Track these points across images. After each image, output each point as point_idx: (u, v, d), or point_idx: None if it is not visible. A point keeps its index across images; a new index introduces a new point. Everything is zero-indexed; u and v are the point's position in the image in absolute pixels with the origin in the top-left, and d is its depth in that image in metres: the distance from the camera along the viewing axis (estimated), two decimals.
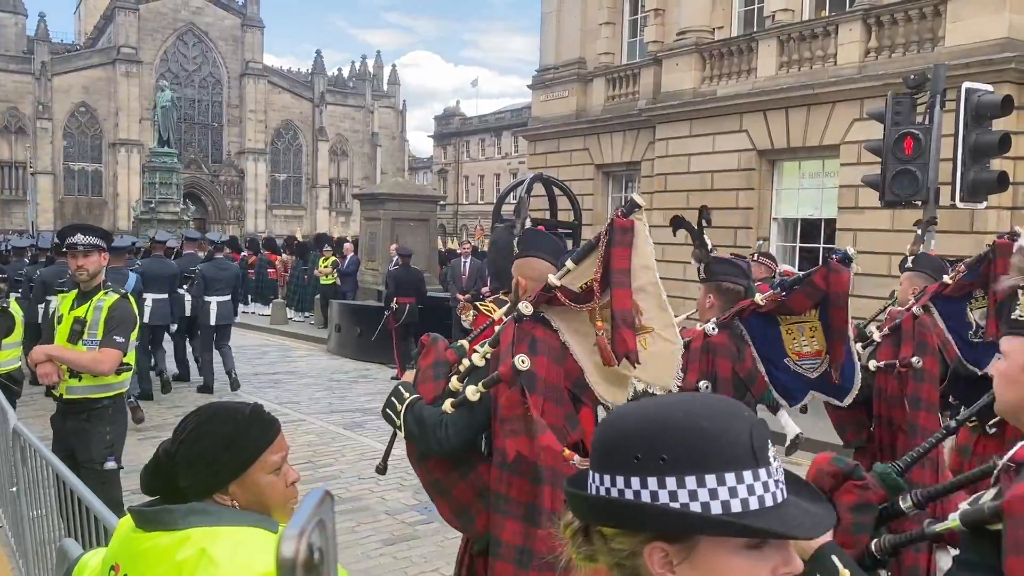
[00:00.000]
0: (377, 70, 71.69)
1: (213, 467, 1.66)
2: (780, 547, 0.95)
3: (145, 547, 1.58)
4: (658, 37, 17.07)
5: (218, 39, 62.25)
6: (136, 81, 57.78)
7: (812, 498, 1.01)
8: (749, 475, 0.93)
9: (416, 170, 73.53)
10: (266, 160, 63.60)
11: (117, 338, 4.65)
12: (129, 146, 57.31)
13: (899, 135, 8.31)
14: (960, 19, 11.60)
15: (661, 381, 2.76)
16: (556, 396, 2.67)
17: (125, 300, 4.82)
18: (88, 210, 55.71)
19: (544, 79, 20.20)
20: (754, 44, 14.77)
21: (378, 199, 17.70)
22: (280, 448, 1.75)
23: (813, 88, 13.41)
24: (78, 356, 4.62)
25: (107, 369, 4.64)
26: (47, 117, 55.47)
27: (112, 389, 4.81)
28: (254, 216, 61.82)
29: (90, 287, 4.75)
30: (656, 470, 0.93)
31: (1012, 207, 11.19)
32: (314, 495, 0.69)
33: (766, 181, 14.72)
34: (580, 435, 2.67)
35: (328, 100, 66.54)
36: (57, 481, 3.58)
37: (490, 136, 64.66)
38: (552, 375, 2.66)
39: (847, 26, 13.18)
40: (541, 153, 20.09)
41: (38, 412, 8.77)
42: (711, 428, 0.94)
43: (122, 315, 4.71)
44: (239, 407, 1.77)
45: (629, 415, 1.01)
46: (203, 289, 10.73)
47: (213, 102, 63.11)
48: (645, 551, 0.96)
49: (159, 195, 34.13)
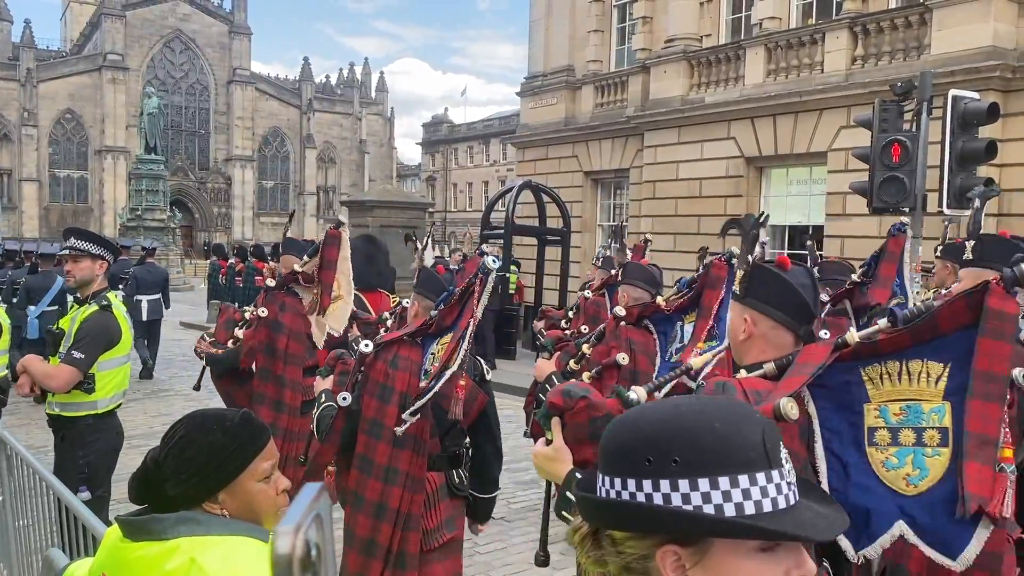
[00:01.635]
0: (365, 77, 71.70)
1: (202, 475, 1.62)
2: (793, 549, 0.94)
3: (134, 556, 1.55)
4: (646, 45, 17.14)
5: (205, 46, 62.11)
6: (123, 88, 57.56)
7: (822, 500, 1.00)
8: (762, 477, 0.91)
9: (404, 177, 73.50)
10: (253, 167, 63.44)
11: (75, 354, 4.22)
12: (115, 153, 57.05)
13: (886, 142, 8.36)
14: (945, 27, 11.69)
15: (336, 324, 4.64)
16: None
17: (103, 314, 4.36)
18: (74, 217, 55.33)
19: (533, 86, 20.24)
20: (742, 52, 14.85)
21: (366, 206, 17.66)
22: (270, 455, 1.72)
23: (800, 95, 13.49)
24: (39, 368, 4.29)
25: (55, 386, 4.25)
26: (32, 124, 55.16)
27: (81, 409, 4.38)
28: (241, 223, 61.62)
29: (85, 295, 4.45)
30: (668, 473, 0.91)
31: (998, 214, 11.27)
32: (309, 490, 0.66)
33: (754, 188, 14.79)
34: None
35: (316, 107, 66.47)
36: (45, 490, 3.53)
37: (478, 143, 64.71)
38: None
39: (834, 34, 13.27)
40: (530, 160, 20.13)
41: (23, 421, 8.69)
42: (723, 430, 0.92)
43: (92, 330, 4.30)
44: (228, 414, 1.74)
45: (640, 418, 0.99)
46: (135, 289, 12.19)
47: (200, 109, 62.94)
48: (657, 554, 0.94)
49: (146, 202, 33.94)
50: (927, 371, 1.66)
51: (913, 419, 1.67)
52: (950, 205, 8.40)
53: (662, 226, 15.92)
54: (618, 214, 18.51)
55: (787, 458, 0.95)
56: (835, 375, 1.74)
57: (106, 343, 4.38)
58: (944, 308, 1.63)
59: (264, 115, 64.66)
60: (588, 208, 18.62)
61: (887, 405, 1.69)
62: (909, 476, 1.66)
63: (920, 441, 1.66)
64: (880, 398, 1.70)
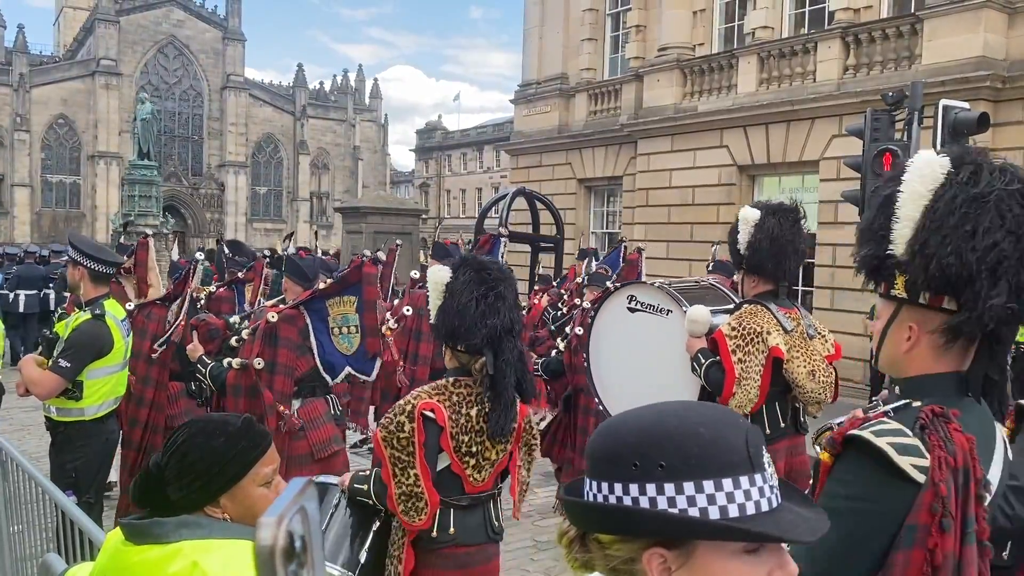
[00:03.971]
0: (359, 84, 71.65)
1: (204, 480, 1.65)
2: (776, 551, 0.97)
3: (135, 560, 1.57)
4: (639, 53, 17.22)
5: (199, 52, 62.01)
6: (116, 93, 57.37)
7: (804, 503, 1.03)
8: (746, 480, 0.95)
9: (398, 184, 73.46)
10: (247, 173, 63.28)
11: (62, 362, 4.27)
12: (108, 158, 56.82)
13: (878, 151, 8.42)
14: (937, 37, 11.79)
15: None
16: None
17: (95, 323, 4.38)
18: (66, 223, 55.10)
19: (526, 94, 20.30)
20: (734, 61, 14.94)
21: (360, 212, 17.68)
22: (271, 460, 1.75)
23: (793, 104, 13.57)
24: (28, 373, 4.35)
25: (40, 393, 4.31)
26: (25, 129, 54.92)
27: (71, 414, 4.42)
28: (234, 229, 61.40)
29: (82, 300, 4.49)
30: (654, 477, 0.94)
31: None
32: (295, 484, 0.66)
33: (746, 196, 14.85)
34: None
35: (309, 113, 66.39)
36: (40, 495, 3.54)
37: (472, 150, 64.74)
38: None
39: (826, 43, 13.36)
40: (523, 167, 20.17)
41: (16, 427, 8.67)
42: (708, 435, 0.95)
43: (80, 338, 4.33)
44: (229, 420, 1.76)
45: (626, 424, 1.02)
46: (15, 285, 14.00)
47: (194, 115, 62.79)
48: (643, 557, 0.97)
49: (138, 208, 33.80)
50: (350, 301, 4.56)
51: (348, 320, 4.51)
52: None
53: (655, 234, 15.98)
54: (611, 222, 18.57)
55: (770, 462, 0.98)
56: (316, 302, 4.53)
57: (95, 353, 4.41)
58: (350, 272, 4.60)
59: (258, 121, 64.54)
60: (581, 216, 18.67)
61: (337, 316, 4.50)
62: (348, 347, 4.48)
63: (351, 331, 4.52)
64: (333, 310, 4.50)
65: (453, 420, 2.81)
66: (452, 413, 2.81)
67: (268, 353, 4.39)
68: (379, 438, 2.83)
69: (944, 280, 1.57)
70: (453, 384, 2.88)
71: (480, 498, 2.97)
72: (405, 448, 2.76)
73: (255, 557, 0.60)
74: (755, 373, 3.66)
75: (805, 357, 3.77)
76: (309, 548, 0.63)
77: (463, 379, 2.90)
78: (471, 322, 2.83)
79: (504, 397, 2.86)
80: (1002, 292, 1.53)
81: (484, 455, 2.89)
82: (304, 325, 4.45)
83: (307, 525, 0.63)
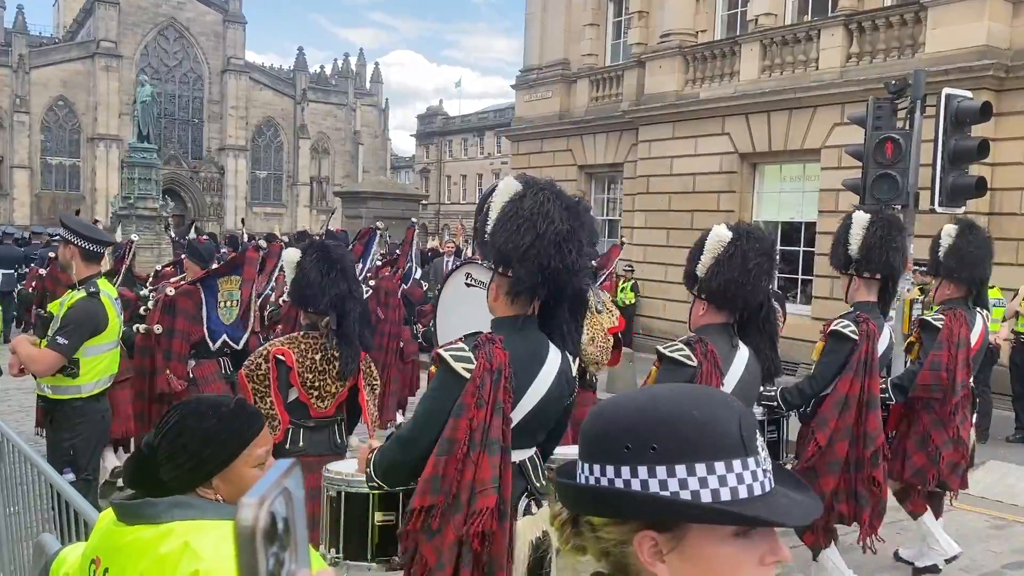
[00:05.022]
0: (360, 68, 71.37)
1: (196, 461, 1.64)
2: (767, 536, 0.96)
3: (127, 540, 1.56)
4: (642, 39, 17.14)
5: (199, 35, 61.74)
6: (115, 76, 57.16)
7: (797, 487, 1.02)
8: (738, 464, 0.94)
9: (398, 169, 73.29)
10: (247, 157, 63.15)
11: (59, 339, 4.29)
12: (108, 141, 56.68)
13: (880, 140, 8.39)
14: (940, 26, 11.73)
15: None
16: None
17: (90, 301, 4.41)
18: (66, 205, 55.00)
19: (528, 79, 20.21)
20: (737, 47, 14.87)
21: (360, 197, 17.68)
22: (264, 442, 1.74)
23: (795, 92, 13.51)
24: (24, 350, 4.38)
25: (38, 369, 4.35)
26: (24, 111, 54.75)
27: (67, 392, 4.46)
28: (234, 213, 61.25)
29: (75, 279, 4.50)
30: (646, 459, 0.93)
31: (989, 212, 11.33)
32: (280, 465, 0.64)
33: (747, 184, 14.82)
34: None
35: (310, 97, 66.17)
36: (36, 476, 3.54)
37: (473, 136, 64.54)
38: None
39: (829, 31, 13.29)
40: (524, 154, 20.11)
41: (13, 409, 8.69)
42: (701, 418, 0.94)
43: (77, 316, 4.35)
44: (222, 400, 1.76)
45: (619, 406, 1.01)
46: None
47: (194, 98, 62.58)
48: (635, 540, 0.96)
49: (138, 191, 33.72)
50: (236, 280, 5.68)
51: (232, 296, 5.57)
52: (943, 203, 8.45)
53: (655, 221, 15.95)
54: (612, 208, 18.53)
55: (763, 446, 0.97)
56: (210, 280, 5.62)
57: (91, 330, 4.43)
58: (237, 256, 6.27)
59: (258, 105, 64.33)
60: None
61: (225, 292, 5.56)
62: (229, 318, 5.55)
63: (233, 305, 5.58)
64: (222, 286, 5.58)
65: (300, 362, 3.73)
66: (299, 357, 3.74)
67: (167, 321, 5.45)
68: (243, 375, 3.80)
69: (502, 259, 2.63)
70: (303, 336, 3.86)
71: (324, 421, 3.92)
72: (262, 382, 3.72)
73: (235, 538, 0.58)
74: None
75: (588, 327, 4.77)
76: (292, 530, 0.61)
77: (312, 333, 3.85)
78: (318, 291, 3.75)
79: (352, 345, 3.80)
80: (531, 266, 2.57)
81: (326, 389, 3.81)
82: (199, 299, 5.53)
83: (291, 507, 0.61)
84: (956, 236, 4.82)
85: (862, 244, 4.53)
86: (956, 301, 4.90)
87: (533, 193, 2.62)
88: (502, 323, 2.71)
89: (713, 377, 3.13)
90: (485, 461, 2.53)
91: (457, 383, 2.54)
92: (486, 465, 2.53)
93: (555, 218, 2.57)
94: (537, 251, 2.54)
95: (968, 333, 4.77)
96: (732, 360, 3.29)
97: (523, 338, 2.67)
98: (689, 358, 3.16)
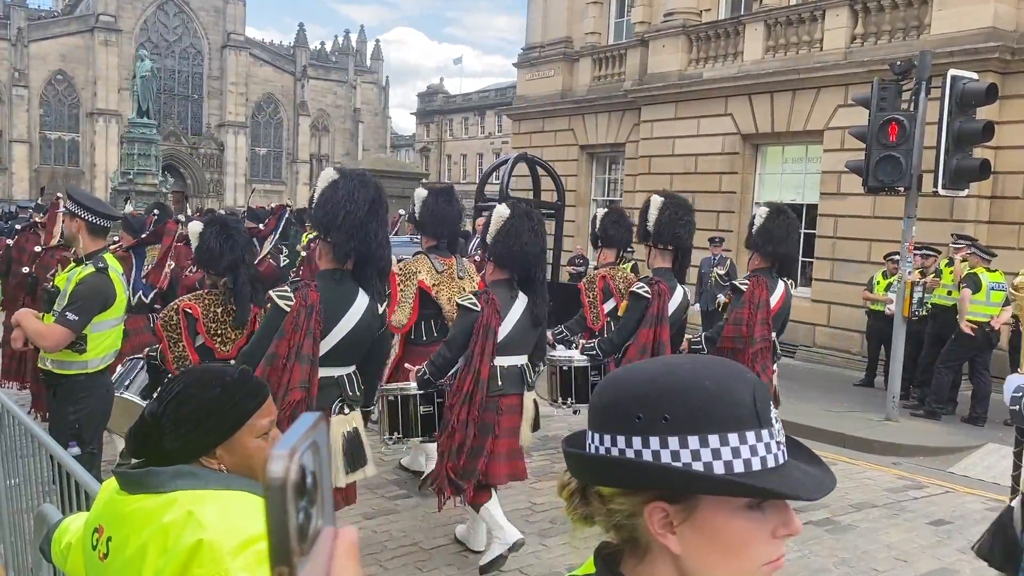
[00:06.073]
0: (360, 45, 70.96)
1: (200, 431, 1.63)
2: (780, 508, 0.95)
3: (130, 509, 1.56)
4: (645, 18, 17.01)
5: (199, 9, 61.30)
6: (115, 50, 56.81)
7: (810, 460, 1.01)
8: (752, 436, 0.92)
9: (398, 147, 73.03)
10: (246, 134, 62.92)
11: (69, 315, 4.26)
12: (107, 116, 56.43)
13: (884, 121, 8.36)
14: (946, 7, 11.64)
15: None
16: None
17: (99, 276, 4.39)
18: (65, 180, 54.68)
19: (530, 57, 20.09)
20: (741, 28, 14.76)
21: None
22: (268, 412, 1.73)
23: (799, 73, 13.43)
24: (31, 325, 4.34)
25: (47, 345, 4.31)
26: (23, 84, 54.47)
27: (73, 367, 4.44)
28: (233, 190, 61.20)
29: (82, 253, 4.47)
30: (658, 430, 0.92)
31: (992, 196, 11.30)
32: (307, 417, 0.60)
33: (749, 165, 14.77)
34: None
35: (310, 74, 65.83)
36: (37, 448, 3.54)
37: (474, 115, 64.24)
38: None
39: (834, 12, 13.20)
40: (525, 132, 20.02)
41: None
42: (714, 388, 0.93)
43: (86, 291, 4.32)
44: (226, 371, 1.75)
45: (631, 375, 1.00)
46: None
47: (193, 73, 62.24)
48: (645, 511, 0.95)
49: (137, 167, 33.70)
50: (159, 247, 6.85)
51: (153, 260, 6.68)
52: (946, 185, 8.42)
53: None
54: (613, 189, 18.47)
55: (777, 417, 0.96)
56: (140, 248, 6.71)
57: (100, 305, 4.42)
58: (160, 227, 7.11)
59: (258, 81, 64.01)
60: (583, 182, 18.57)
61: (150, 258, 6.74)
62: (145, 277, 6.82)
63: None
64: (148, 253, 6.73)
65: (204, 314, 4.39)
66: (204, 310, 4.40)
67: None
68: (159, 325, 4.46)
69: (324, 229, 3.74)
70: (208, 293, 4.52)
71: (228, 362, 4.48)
72: (175, 330, 4.37)
73: (265, 490, 0.55)
74: (409, 299, 5.68)
75: (449, 290, 5.68)
76: (320, 486, 0.58)
77: (213, 291, 4.50)
78: (215, 256, 4.38)
79: (245, 301, 4.43)
80: (343, 235, 3.68)
81: (227, 336, 4.45)
82: (131, 263, 6.36)
83: (319, 461, 0.58)
84: (766, 218, 5.58)
85: (655, 221, 5.62)
86: (762, 270, 5.67)
87: (345, 181, 3.70)
88: (323, 274, 3.84)
89: (494, 318, 4.45)
90: (296, 369, 3.59)
91: (280, 315, 3.65)
92: (297, 372, 3.59)
93: (360, 201, 3.64)
94: (347, 224, 3.64)
95: (768, 296, 5.53)
96: (511, 306, 4.58)
97: (338, 285, 3.77)
98: (475, 305, 4.46)
